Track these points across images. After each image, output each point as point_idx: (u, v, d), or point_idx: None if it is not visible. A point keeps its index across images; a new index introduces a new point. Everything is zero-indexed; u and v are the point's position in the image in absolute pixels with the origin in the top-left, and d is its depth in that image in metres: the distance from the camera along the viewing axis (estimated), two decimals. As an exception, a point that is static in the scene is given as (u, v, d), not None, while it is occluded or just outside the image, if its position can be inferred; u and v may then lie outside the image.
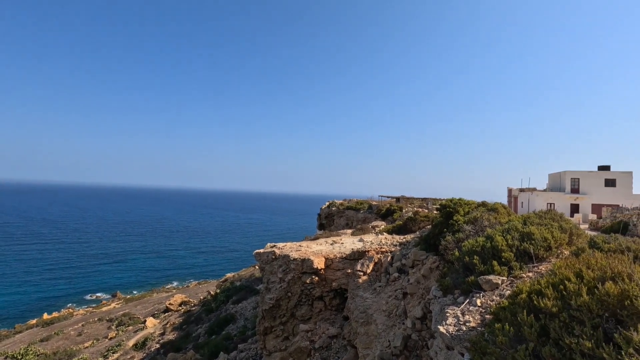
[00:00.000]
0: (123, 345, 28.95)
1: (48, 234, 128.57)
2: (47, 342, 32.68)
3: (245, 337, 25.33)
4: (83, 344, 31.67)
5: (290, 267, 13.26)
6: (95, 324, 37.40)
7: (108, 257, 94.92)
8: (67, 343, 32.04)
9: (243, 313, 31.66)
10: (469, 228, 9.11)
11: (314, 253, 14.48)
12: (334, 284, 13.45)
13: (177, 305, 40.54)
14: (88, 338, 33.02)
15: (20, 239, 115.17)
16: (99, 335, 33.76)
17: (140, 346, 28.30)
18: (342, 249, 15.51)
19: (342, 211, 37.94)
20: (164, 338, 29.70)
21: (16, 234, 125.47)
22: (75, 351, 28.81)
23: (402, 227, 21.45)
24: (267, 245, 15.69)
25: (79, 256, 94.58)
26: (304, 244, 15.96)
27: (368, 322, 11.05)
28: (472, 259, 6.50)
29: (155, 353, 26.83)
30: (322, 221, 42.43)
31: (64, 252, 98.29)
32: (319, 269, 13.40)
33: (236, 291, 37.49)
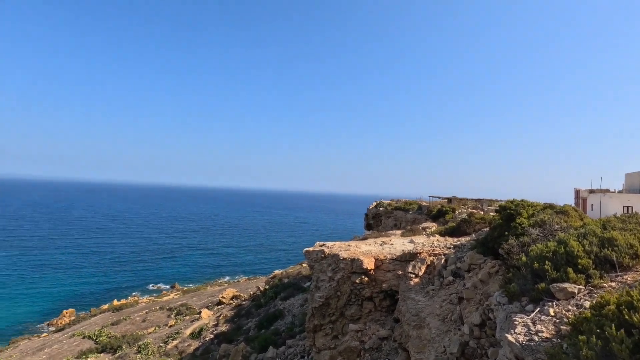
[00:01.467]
0: (181, 333, 30.88)
1: (116, 228, 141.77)
2: (116, 326, 36.00)
3: (293, 334, 25.81)
4: (147, 329, 34.38)
5: (339, 266, 13.24)
6: (157, 312, 40.41)
7: (167, 251, 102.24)
8: (133, 328, 34.99)
9: (291, 310, 32.29)
10: (536, 231, 8.39)
11: (363, 253, 14.31)
12: (384, 285, 13.19)
13: (229, 299, 42.43)
14: (151, 324, 35.79)
15: (95, 233, 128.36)
16: (160, 322, 36.41)
17: (196, 335, 30.05)
18: (392, 250, 15.15)
19: (390, 212, 37.19)
20: (217, 329, 31.24)
21: (92, 227, 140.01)
22: (140, 335, 31.38)
23: (456, 229, 20.48)
24: (316, 244, 15.81)
25: (142, 249, 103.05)
26: (352, 244, 15.85)
27: (421, 326, 10.66)
28: (543, 264, 5.96)
29: (210, 343, 28.33)
30: (369, 221, 41.96)
31: (129, 246, 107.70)
32: (368, 269, 13.21)
33: (284, 288, 38.37)
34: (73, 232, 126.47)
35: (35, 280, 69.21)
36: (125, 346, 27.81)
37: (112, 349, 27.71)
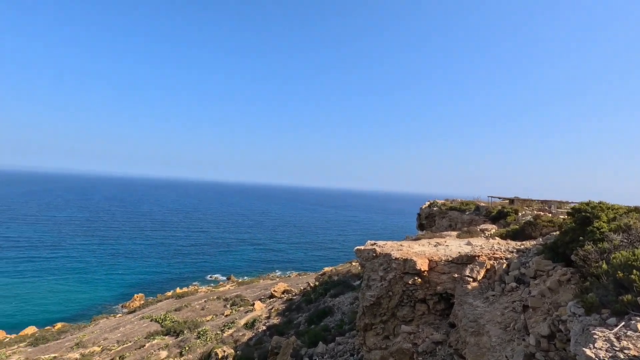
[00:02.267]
0: (236, 323, 32.43)
1: (179, 222, 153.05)
2: (179, 312, 38.91)
3: (342, 331, 25.86)
4: (205, 317, 36.69)
5: (391, 266, 12.95)
6: (214, 301, 42.92)
7: (224, 244, 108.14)
8: (193, 315, 37.55)
9: (340, 307, 32.38)
10: (619, 237, 7.45)
11: (416, 254, 13.84)
12: (438, 287, 12.64)
13: (280, 292, 43.69)
14: (209, 313, 38.13)
15: (160, 225, 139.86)
16: (217, 311, 38.63)
17: (249, 326, 31.40)
18: (447, 252, 14.46)
19: (444, 211, 35.57)
20: (269, 321, 32.35)
21: (158, 220, 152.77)
22: (200, 322, 33.59)
23: (519, 232, 18.99)
24: (368, 242, 15.63)
25: (202, 242, 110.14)
26: (405, 244, 15.41)
27: (479, 333, 10.05)
28: (629, 274, 5.27)
29: (262, 334, 29.45)
30: (422, 221, 40.54)
31: (190, 239, 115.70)
32: (422, 270, 12.75)
33: (334, 285, 38.57)
34: (142, 224, 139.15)
35: (111, 267, 77.32)
36: (187, 331, 29.93)
37: (175, 333, 29.98)
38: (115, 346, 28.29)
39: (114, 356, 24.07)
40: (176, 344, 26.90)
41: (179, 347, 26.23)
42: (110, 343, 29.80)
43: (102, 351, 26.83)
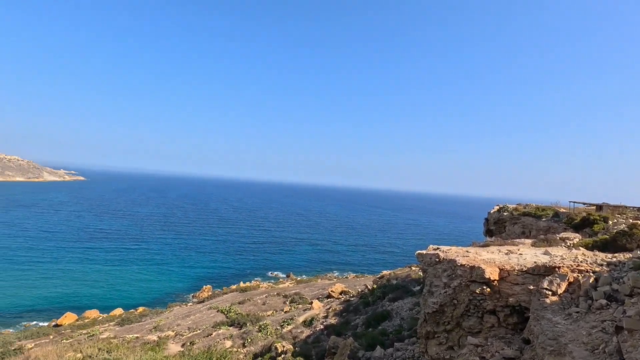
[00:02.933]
0: (295, 320, 33.24)
1: (243, 220, 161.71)
2: (242, 305, 41.07)
3: (401, 337, 25.08)
4: (266, 312, 38.22)
5: (456, 273, 12.21)
6: (275, 297, 44.51)
7: (284, 243, 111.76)
8: (255, 309, 39.33)
9: (399, 312, 31.48)
10: None
11: (484, 261, 12.89)
12: (510, 299, 11.61)
13: (338, 293, 43.83)
14: (269, 308, 39.65)
15: (226, 223, 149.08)
16: (277, 307, 39.99)
17: (307, 323, 31.97)
18: (521, 261, 13.24)
19: (516, 217, 32.67)
20: (327, 321, 32.62)
21: (224, 218, 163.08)
22: (261, 316, 35.08)
23: (609, 243, 16.71)
24: (430, 247, 14.95)
25: (263, 240, 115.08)
26: (471, 250, 14.44)
27: (560, 353, 9.00)
28: None
29: (320, 333, 29.80)
30: (490, 227, 37.70)
31: (253, 236, 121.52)
32: (491, 279, 11.83)
33: (392, 289, 37.63)
34: (210, 221, 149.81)
35: (184, 259, 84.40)
36: (249, 324, 31.45)
37: (239, 325, 31.66)
38: (187, 332, 30.72)
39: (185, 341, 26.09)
40: (239, 335, 28.39)
41: (242, 338, 27.65)
42: (182, 329, 32.50)
43: (176, 336, 29.33)
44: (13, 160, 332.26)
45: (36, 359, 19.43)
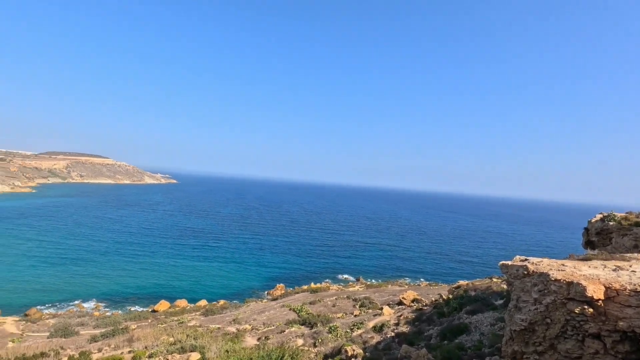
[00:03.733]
0: (365, 324, 32.85)
1: (314, 222, 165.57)
2: (313, 305, 41.94)
3: (481, 354, 23.07)
4: (336, 314, 38.45)
5: (549, 288, 10.80)
6: (344, 300, 44.57)
7: (354, 246, 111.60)
8: (325, 310, 39.84)
9: (478, 326, 29.06)
10: None
11: (585, 277, 11.20)
12: (620, 323, 9.88)
13: (410, 301, 42.16)
14: (339, 310, 39.81)
15: (297, 224, 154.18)
16: (347, 310, 39.96)
17: (378, 329, 31.32)
18: (634, 280, 11.21)
19: (626, 227, 27.79)
20: (397, 328, 31.58)
21: (296, 220, 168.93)
22: (331, 318, 35.40)
23: None
24: (516, 258, 13.49)
25: (333, 243, 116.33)
26: (569, 264, 12.66)
27: (692, 396, 7.37)
28: None
29: (391, 340, 28.96)
30: (590, 238, 32.72)
31: (323, 238, 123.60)
32: (594, 298, 10.21)
33: (471, 301, 34.92)
34: (283, 222, 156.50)
35: (259, 258, 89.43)
36: (319, 324, 31.96)
37: (310, 324, 32.36)
38: (262, 327, 32.38)
39: (260, 336, 27.45)
40: (310, 335, 28.99)
41: (312, 337, 28.21)
42: (258, 324, 34.38)
43: (252, 329, 31.10)
44: (122, 166, 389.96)
45: (138, 338, 22.24)
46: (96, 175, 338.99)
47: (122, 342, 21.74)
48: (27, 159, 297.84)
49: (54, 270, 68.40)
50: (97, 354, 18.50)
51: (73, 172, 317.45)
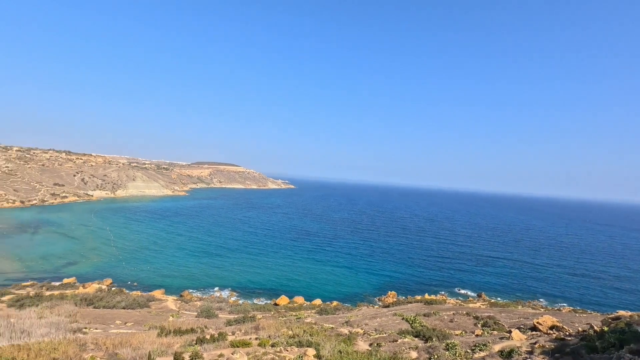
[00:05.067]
0: (489, 346, 29.38)
1: (430, 230, 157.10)
2: (427, 318, 39.64)
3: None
4: (453, 330, 35.47)
5: None
6: (463, 316, 40.77)
7: (475, 259, 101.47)
8: (441, 325, 37.17)
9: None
10: None
11: None
12: None
13: (547, 327, 35.90)
14: (457, 327, 36.59)
15: (412, 231, 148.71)
16: (467, 328, 36.43)
17: (506, 355, 27.57)
18: None
19: None
20: (531, 357, 27.27)
21: (409, 227, 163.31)
22: (448, 334, 32.81)
23: None
24: None
25: (452, 253, 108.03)
26: None
27: None
28: None
29: (522, 370, 25.13)
30: None
31: (440, 248, 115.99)
32: None
33: (637, 339, 27.71)
34: (395, 229, 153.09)
35: (370, 263, 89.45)
36: (435, 339, 29.96)
37: (424, 337, 30.65)
38: (373, 333, 32.18)
39: (372, 341, 27.34)
40: (425, 349, 27.44)
41: (427, 352, 26.63)
42: (369, 329, 34.31)
43: (364, 334, 31.21)
44: (250, 173, 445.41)
45: (263, 327, 24.75)
46: (231, 181, 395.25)
47: (250, 329, 24.52)
48: (182, 168, 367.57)
49: (199, 262, 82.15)
50: (231, 336, 21.30)
51: (214, 179, 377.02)
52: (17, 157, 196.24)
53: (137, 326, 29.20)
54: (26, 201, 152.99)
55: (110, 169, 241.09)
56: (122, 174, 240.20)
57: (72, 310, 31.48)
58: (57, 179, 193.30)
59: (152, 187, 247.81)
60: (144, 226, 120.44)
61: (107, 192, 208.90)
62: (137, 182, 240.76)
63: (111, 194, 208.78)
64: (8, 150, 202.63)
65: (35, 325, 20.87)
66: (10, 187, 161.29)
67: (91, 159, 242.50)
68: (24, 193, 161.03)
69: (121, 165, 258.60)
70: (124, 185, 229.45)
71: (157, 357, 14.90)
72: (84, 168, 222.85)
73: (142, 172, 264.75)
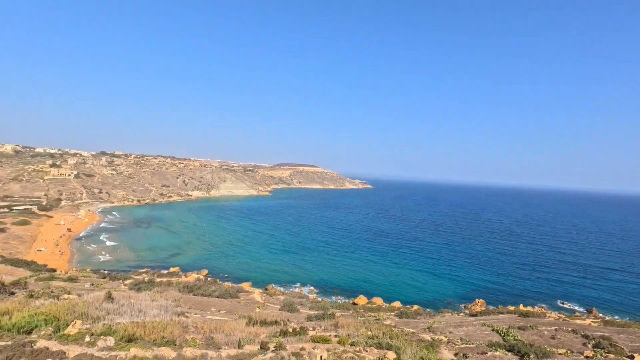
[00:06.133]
0: (603, 372, 25.26)
1: (524, 234, 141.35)
2: (523, 331, 35.59)
3: None
4: (555, 348, 31.23)
5: None
6: (569, 334, 35.65)
7: (583, 269, 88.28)
8: (541, 341, 33.02)
9: None
10: None
11: None
12: None
13: (685, 357, 29.36)
14: (561, 345, 32.13)
15: (502, 235, 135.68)
16: (573, 347, 31.78)
17: (626, 384, 23.37)
18: None
19: None
20: (663, 391, 22.55)
21: (499, 230, 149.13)
22: (548, 352, 29.00)
23: None
24: None
25: (551, 260, 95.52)
26: None
27: None
28: None
29: (650, 405, 20.92)
30: None
31: (537, 254, 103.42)
32: None
33: None
34: (482, 232, 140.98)
35: (454, 267, 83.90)
36: (532, 356, 26.76)
37: (519, 353, 27.60)
38: (459, 342, 30.07)
39: (458, 351, 25.61)
40: (520, 366, 24.69)
41: (523, 370, 23.91)
42: (454, 337, 32.15)
43: (448, 342, 29.36)
44: (328, 173, 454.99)
45: (342, 325, 24.98)
46: (309, 181, 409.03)
47: (330, 326, 24.97)
48: (265, 169, 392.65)
49: (281, 258, 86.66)
50: (312, 331, 21.97)
51: (294, 179, 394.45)
52: (134, 162, 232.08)
53: (228, 314, 32.00)
54: (141, 200, 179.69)
55: (205, 171, 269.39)
56: (214, 176, 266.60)
57: (176, 295, 35.90)
58: (164, 181, 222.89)
59: (240, 187, 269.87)
60: (232, 224, 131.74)
61: (203, 192, 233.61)
62: (227, 183, 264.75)
63: (206, 194, 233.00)
64: (128, 157, 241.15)
65: (149, 306, 24.31)
66: (130, 188, 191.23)
67: (190, 163, 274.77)
68: (140, 193, 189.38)
69: (214, 168, 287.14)
70: (217, 186, 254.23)
71: (246, 344, 16.11)
72: (184, 171, 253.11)
73: (231, 174, 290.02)
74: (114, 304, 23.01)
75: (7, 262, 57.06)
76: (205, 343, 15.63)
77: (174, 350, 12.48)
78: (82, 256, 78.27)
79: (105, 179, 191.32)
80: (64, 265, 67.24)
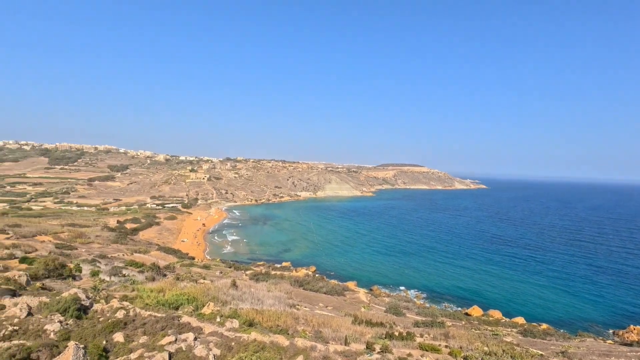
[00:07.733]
0: None
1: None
2: None
3: None
4: None
5: None
6: None
7: None
8: None
9: None
10: None
11: None
12: None
13: None
14: None
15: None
16: None
17: None
18: None
19: None
20: None
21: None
22: None
23: None
24: None
25: None
26: None
27: None
28: None
29: None
30: None
31: None
32: None
33: None
34: (637, 241, 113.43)
35: (596, 283, 69.63)
36: None
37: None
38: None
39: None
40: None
41: None
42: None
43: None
44: (435, 173, 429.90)
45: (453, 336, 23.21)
46: (414, 182, 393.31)
47: (439, 334, 23.47)
48: (369, 170, 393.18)
49: (386, 260, 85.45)
50: (419, 338, 21.01)
51: (399, 180, 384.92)
52: (252, 166, 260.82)
53: (335, 311, 33.06)
54: (258, 200, 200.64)
55: (312, 173, 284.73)
56: (320, 178, 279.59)
57: (288, 288, 38.82)
58: (276, 183, 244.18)
59: (344, 188, 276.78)
60: (337, 224, 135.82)
61: (310, 192, 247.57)
62: (332, 184, 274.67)
63: (313, 195, 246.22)
64: (247, 162, 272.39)
65: (266, 296, 26.89)
66: (249, 189, 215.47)
67: (298, 165, 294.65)
68: (257, 194, 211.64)
69: (319, 169, 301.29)
70: (322, 187, 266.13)
71: (351, 342, 16.38)
72: (294, 173, 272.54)
73: (336, 175, 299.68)
74: (237, 291, 26.18)
75: (162, 250, 70.42)
76: (314, 336, 16.47)
77: (287, 339, 13.50)
78: (212, 247, 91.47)
79: (229, 181, 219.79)
80: (200, 255, 79.63)
